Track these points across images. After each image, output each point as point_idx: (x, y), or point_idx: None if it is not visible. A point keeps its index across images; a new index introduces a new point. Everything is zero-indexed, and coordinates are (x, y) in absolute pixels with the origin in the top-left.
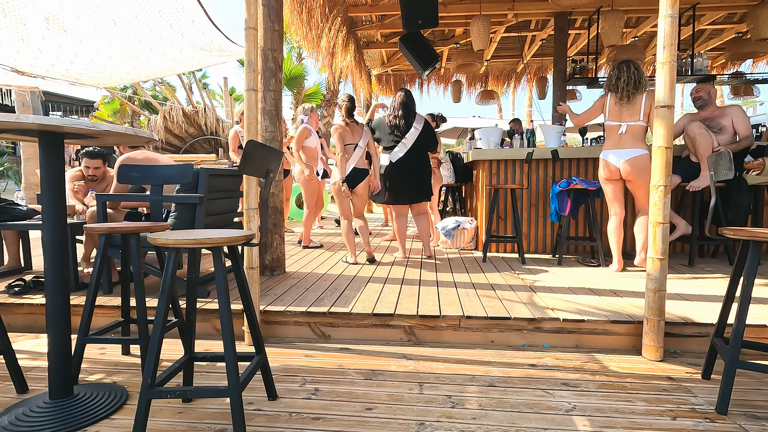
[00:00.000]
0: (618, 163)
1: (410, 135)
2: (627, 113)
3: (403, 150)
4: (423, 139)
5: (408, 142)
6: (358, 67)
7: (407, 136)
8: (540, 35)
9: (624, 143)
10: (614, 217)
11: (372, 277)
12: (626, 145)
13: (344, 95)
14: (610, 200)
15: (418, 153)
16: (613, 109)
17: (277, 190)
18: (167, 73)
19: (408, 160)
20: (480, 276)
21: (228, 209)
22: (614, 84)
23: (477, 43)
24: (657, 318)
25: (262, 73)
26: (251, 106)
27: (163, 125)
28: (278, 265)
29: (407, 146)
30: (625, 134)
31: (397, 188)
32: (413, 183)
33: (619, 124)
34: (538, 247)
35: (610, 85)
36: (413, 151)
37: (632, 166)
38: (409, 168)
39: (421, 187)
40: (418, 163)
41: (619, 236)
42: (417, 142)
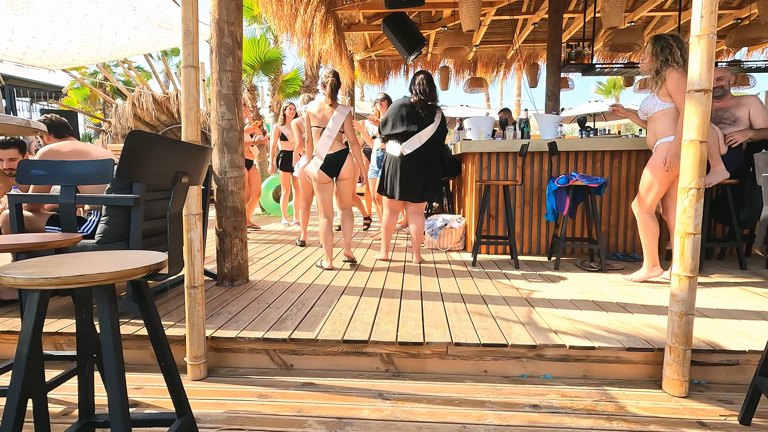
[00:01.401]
0: None
1: (429, 129)
2: None
3: (418, 143)
4: (439, 134)
5: (424, 136)
6: (339, 50)
7: (426, 129)
8: (532, 19)
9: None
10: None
11: (347, 287)
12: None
13: (328, 70)
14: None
15: (432, 148)
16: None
17: (237, 188)
18: (125, 53)
19: (422, 154)
20: (470, 284)
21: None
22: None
23: (467, 23)
24: (683, 347)
25: (217, 51)
26: (190, 87)
27: (132, 112)
28: (239, 274)
29: (422, 140)
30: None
31: (401, 184)
32: (424, 180)
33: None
34: (532, 248)
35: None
36: (428, 146)
37: None
38: (422, 163)
39: (431, 185)
40: (432, 159)
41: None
42: (433, 138)
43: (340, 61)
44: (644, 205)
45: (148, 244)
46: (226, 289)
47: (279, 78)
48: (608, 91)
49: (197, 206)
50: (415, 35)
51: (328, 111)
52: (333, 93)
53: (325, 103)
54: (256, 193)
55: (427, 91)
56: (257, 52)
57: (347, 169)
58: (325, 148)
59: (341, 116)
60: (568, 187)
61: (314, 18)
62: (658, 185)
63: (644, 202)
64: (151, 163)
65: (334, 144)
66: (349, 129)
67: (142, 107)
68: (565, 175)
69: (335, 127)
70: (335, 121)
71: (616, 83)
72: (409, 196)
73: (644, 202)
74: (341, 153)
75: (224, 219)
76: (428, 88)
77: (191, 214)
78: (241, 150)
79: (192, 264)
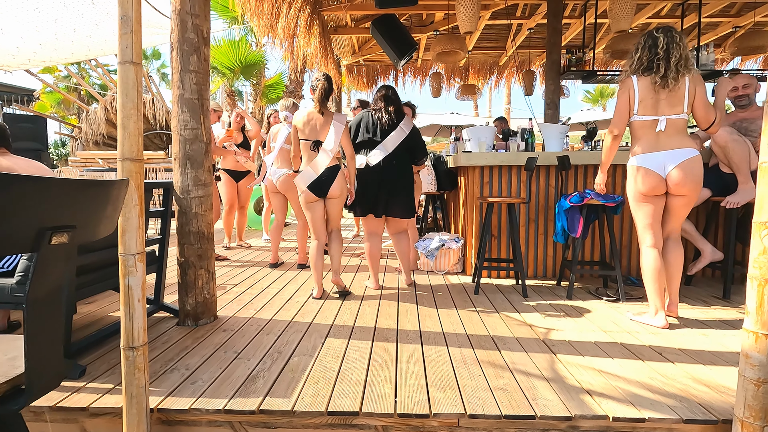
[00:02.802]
0: (664, 171)
1: (393, 137)
2: (666, 103)
3: (382, 154)
4: (408, 144)
5: (389, 146)
6: (325, 54)
7: (389, 137)
8: (527, 24)
9: (667, 143)
10: (652, 250)
11: (333, 326)
12: (671, 145)
13: (320, 73)
14: (648, 225)
15: (399, 160)
16: (646, 98)
17: (203, 209)
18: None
19: (386, 166)
20: (475, 319)
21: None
22: (652, 61)
23: (464, 24)
24: (760, 423)
25: (178, 48)
26: (128, 89)
27: (105, 117)
28: (205, 311)
29: (388, 150)
30: (666, 131)
31: (368, 195)
32: (389, 194)
33: (655, 119)
34: (538, 271)
35: (643, 63)
36: (394, 157)
37: (686, 172)
38: (386, 176)
39: (399, 200)
40: (398, 172)
41: (661, 278)
42: (400, 147)
43: (326, 65)
44: (640, 237)
45: (84, 283)
46: (188, 331)
47: (261, 83)
48: (596, 99)
49: (138, 242)
50: (405, 39)
51: (319, 121)
52: (323, 99)
53: (314, 111)
54: (241, 204)
55: (389, 97)
56: (237, 54)
57: (337, 187)
58: (324, 164)
59: (340, 126)
60: (581, 206)
61: (298, 19)
62: (639, 211)
63: (639, 233)
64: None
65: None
66: (347, 142)
67: (115, 112)
68: (578, 193)
69: (335, 138)
70: (335, 132)
71: (603, 92)
72: (372, 210)
73: (639, 233)
74: (333, 169)
75: (187, 246)
76: (390, 95)
77: (130, 253)
78: (207, 164)
79: (130, 319)
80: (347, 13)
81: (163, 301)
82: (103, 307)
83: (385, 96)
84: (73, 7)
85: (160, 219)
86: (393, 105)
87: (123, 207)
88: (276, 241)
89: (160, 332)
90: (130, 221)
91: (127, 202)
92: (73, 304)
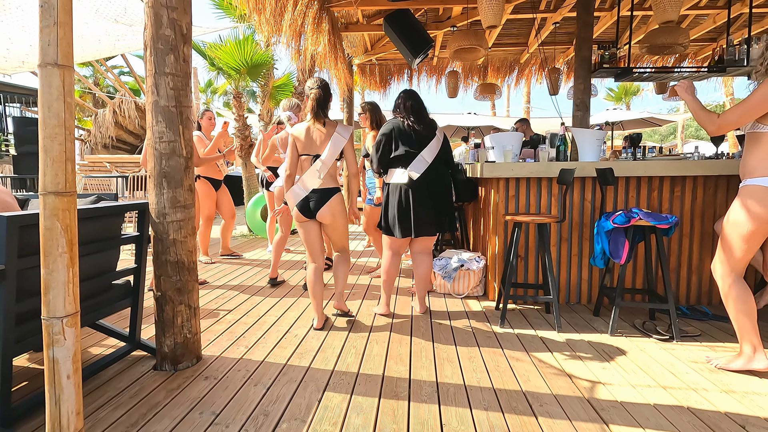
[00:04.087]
0: None
1: (433, 146)
2: None
3: (425, 165)
4: (444, 152)
5: (429, 156)
6: (335, 53)
7: (429, 146)
8: (553, 18)
9: None
10: (742, 282)
11: (334, 372)
12: None
13: (314, 80)
14: (748, 257)
15: (439, 170)
16: None
17: (183, 235)
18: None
19: (431, 178)
20: (502, 365)
21: (86, 271)
22: None
23: (487, 17)
24: None
25: (152, 46)
26: (51, 101)
27: (113, 120)
28: (186, 352)
29: (428, 161)
30: None
31: (408, 217)
32: (437, 208)
33: None
34: (570, 297)
35: None
36: (436, 168)
37: None
38: (434, 188)
39: (445, 212)
40: (441, 185)
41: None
42: (438, 157)
43: (335, 65)
44: (727, 268)
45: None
46: (164, 378)
47: (269, 84)
48: (619, 97)
49: (67, 302)
50: (420, 35)
51: (321, 133)
52: (319, 109)
53: (313, 123)
54: (229, 215)
55: (419, 106)
56: (243, 54)
57: (326, 213)
58: (314, 180)
59: (341, 140)
60: (627, 227)
61: (306, 15)
62: (745, 243)
63: (728, 263)
64: None
65: (324, 178)
66: (351, 156)
67: (123, 114)
68: (623, 212)
69: (333, 153)
70: (334, 146)
71: (627, 90)
72: (422, 230)
73: (728, 263)
74: (324, 192)
75: (164, 279)
76: (418, 105)
77: (55, 317)
78: (188, 183)
79: (57, 403)
80: (358, 9)
81: (139, 338)
82: None
83: (414, 102)
84: None
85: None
86: (424, 111)
87: (46, 256)
88: (278, 255)
89: (132, 380)
90: (55, 275)
91: (48, 250)
92: (9, 361)
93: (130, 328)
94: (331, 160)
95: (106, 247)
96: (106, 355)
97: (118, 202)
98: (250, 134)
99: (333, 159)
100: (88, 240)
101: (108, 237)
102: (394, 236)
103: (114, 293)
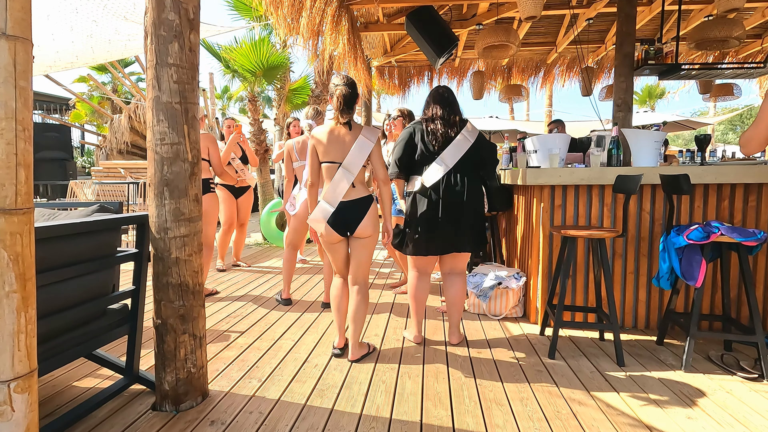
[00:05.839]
0: None
1: (454, 147)
2: None
3: (441, 171)
4: (473, 156)
5: (449, 160)
6: (354, 54)
7: (449, 149)
8: (586, 13)
9: None
10: None
11: (362, 418)
12: None
13: (339, 77)
14: None
15: (464, 176)
16: None
17: (186, 253)
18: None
19: (447, 186)
20: (563, 410)
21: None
22: None
23: (527, 7)
24: None
25: (153, 33)
26: None
27: (129, 126)
28: (189, 390)
29: (448, 165)
30: None
31: (424, 230)
32: (454, 223)
33: None
34: (626, 320)
35: None
36: (457, 173)
37: None
38: (449, 199)
39: (465, 229)
40: (463, 193)
41: None
42: (463, 161)
43: (354, 65)
44: None
45: None
46: (163, 423)
47: (286, 87)
48: (643, 100)
49: (15, 360)
50: (445, 33)
51: (346, 138)
52: (345, 108)
53: (336, 126)
54: (241, 222)
55: (445, 98)
56: (258, 56)
57: (368, 225)
58: (340, 192)
59: (368, 143)
60: (703, 244)
61: (324, 14)
62: None
63: None
64: None
65: (353, 187)
66: (379, 162)
67: (139, 119)
68: (699, 226)
69: (358, 160)
70: (359, 150)
71: (652, 92)
72: (434, 249)
73: None
74: (361, 202)
75: (164, 305)
76: (447, 96)
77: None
78: (194, 192)
79: None
80: (379, 7)
81: (138, 370)
82: (69, 371)
83: (441, 97)
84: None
85: (133, 264)
86: (451, 108)
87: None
88: (289, 273)
89: (126, 424)
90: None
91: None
92: None
93: (127, 359)
94: (357, 168)
95: (98, 267)
96: (99, 392)
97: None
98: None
99: (359, 166)
100: (77, 260)
101: (101, 255)
102: (405, 253)
103: (108, 320)
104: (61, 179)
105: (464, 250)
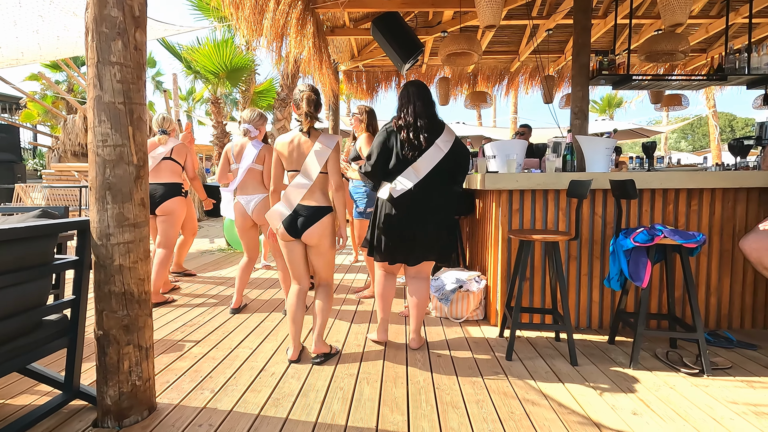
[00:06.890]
0: None
1: (427, 156)
2: None
3: (413, 180)
4: (447, 164)
5: (422, 169)
6: (320, 57)
7: (423, 158)
8: (546, 24)
9: None
10: None
11: (317, 425)
12: None
13: (303, 85)
14: None
15: (435, 187)
16: None
17: (131, 261)
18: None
19: (417, 196)
20: (517, 412)
21: (4, 307)
22: None
23: (486, 16)
24: None
25: (94, 30)
26: None
27: (84, 126)
28: (135, 403)
29: (419, 174)
30: None
31: (391, 238)
32: (424, 233)
33: None
34: (580, 321)
35: None
36: (428, 184)
37: None
38: (417, 210)
39: (433, 241)
40: (434, 202)
41: None
42: (437, 170)
43: (320, 69)
44: None
45: None
46: None
47: (251, 89)
48: (603, 109)
49: None
50: (410, 39)
51: (306, 145)
52: (311, 112)
53: (297, 134)
54: (191, 231)
55: (420, 97)
56: (222, 57)
57: (314, 234)
58: (297, 196)
59: (325, 150)
60: (649, 246)
61: (288, 16)
62: None
63: None
64: None
65: (312, 193)
66: (334, 169)
67: None
68: (645, 229)
69: (315, 165)
70: (317, 156)
71: (611, 101)
72: (398, 257)
73: None
74: (317, 210)
75: (107, 315)
76: (421, 94)
77: None
78: (140, 197)
79: None
80: (345, 11)
81: (78, 384)
82: (2, 388)
83: (416, 97)
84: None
85: (73, 272)
86: (428, 110)
87: None
88: (242, 282)
89: None
90: None
91: None
92: None
93: (66, 374)
94: (315, 173)
95: (31, 277)
96: (35, 408)
97: (57, 219)
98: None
99: (317, 171)
100: (6, 269)
101: (35, 264)
102: (378, 260)
103: (45, 332)
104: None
105: (431, 260)
